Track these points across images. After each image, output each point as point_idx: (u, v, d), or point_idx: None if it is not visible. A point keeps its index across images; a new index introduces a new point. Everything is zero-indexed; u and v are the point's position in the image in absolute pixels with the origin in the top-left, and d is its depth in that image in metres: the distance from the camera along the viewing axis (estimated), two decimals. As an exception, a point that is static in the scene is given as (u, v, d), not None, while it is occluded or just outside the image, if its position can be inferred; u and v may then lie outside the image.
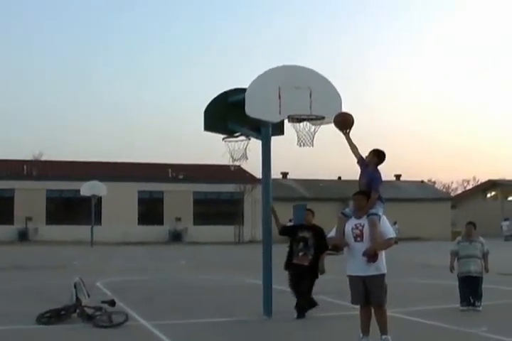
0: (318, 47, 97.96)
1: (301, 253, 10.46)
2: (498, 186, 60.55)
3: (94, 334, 9.15)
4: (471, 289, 11.25)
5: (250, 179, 43.27)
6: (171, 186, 46.82)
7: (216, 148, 12.43)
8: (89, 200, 39.68)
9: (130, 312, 10.46)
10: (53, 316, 9.83)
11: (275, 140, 11.09)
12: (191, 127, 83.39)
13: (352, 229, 7.87)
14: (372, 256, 7.65)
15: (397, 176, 59.01)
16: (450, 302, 11.70)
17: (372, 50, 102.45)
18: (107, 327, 9.43)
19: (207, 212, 47.79)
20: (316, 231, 10.52)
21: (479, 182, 71.84)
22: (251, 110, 10.33)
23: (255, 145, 11.15)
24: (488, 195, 62.36)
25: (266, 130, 10.86)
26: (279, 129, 11.40)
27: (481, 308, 11.12)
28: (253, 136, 11.12)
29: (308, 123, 10.49)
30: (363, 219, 7.85)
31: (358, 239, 7.80)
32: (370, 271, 7.73)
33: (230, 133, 11.36)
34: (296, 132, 10.50)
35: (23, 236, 42.79)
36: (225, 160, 11.56)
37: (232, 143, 11.39)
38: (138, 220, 46.05)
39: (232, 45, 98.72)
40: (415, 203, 52.71)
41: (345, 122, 8.59)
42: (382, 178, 8.27)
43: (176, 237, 45.38)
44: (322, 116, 10.27)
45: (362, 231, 7.79)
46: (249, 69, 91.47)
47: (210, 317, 10.72)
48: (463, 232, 12.01)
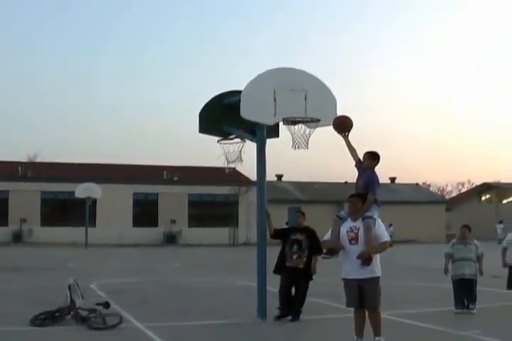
0: (318, 47, 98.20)
1: (295, 255, 10.43)
2: (493, 189, 60.57)
3: (88, 336, 9.13)
4: (465, 292, 11.28)
5: (245, 181, 43.23)
6: (165, 188, 46.75)
7: (211, 151, 12.42)
8: (84, 202, 39.58)
9: (124, 314, 10.44)
10: (47, 318, 9.80)
11: (270, 142, 11.10)
12: (189, 128, 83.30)
13: (347, 231, 7.87)
14: (366, 260, 7.66)
15: (392, 179, 58.95)
16: (444, 304, 11.71)
17: (372, 50, 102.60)
18: (101, 329, 9.41)
19: (201, 214, 47.71)
20: (309, 233, 10.52)
21: (474, 185, 72.06)
22: (246, 112, 10.33)
23: (250, 147, 11.15)
24: (483, 198, 62.35)
25: (261, 132, 10.86)
26: (274, 132, 11.41)
27: (475, 311, 11.14)
28: (248, 139, 11.11)
29: (303, 125, 10.47)
30: (358, 222, 7.85)
31: (353, 241, 7.80)
32: (365, 273, 7.73)
33: (225, 136, 11.34)
34: (291, 134, 10.48)
35: (18, 238, 42.65)
36: (220, 163, 11.56)
37: (227, 145, 11.36)
38: (133, 222, 45.93)
39: (232, 45, 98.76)
40: (410, 206, 52.63)
41: (344, 125, 8.60)
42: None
43: (171, 239, 45.31)
44: (317, 119, 10.26)
45: (357, 234, 7.79)
46: (249, 70, 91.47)
47: (205, 319, 10.71)
48: (457, 235, 12.04)
